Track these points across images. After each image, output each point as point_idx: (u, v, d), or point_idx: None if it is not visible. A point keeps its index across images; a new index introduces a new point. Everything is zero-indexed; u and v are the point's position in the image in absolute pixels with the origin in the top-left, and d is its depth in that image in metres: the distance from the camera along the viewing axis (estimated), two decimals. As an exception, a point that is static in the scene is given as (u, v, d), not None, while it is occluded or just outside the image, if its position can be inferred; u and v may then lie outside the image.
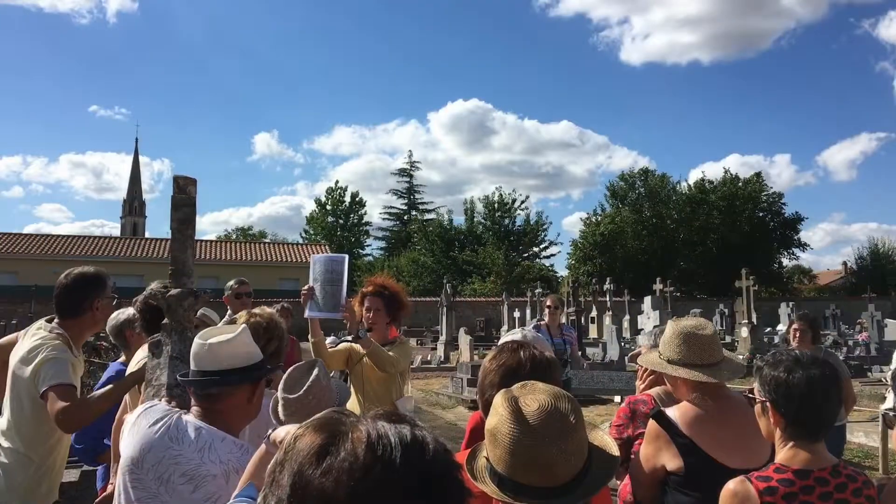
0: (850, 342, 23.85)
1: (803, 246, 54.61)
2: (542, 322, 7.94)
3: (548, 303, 8.06)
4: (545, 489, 1.42)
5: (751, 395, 2.31)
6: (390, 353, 4.36)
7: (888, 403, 2.47)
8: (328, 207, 65.68)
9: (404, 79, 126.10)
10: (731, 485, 2.14)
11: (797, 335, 6.09)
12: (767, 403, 2.20)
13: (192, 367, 2.29)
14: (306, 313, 4.24)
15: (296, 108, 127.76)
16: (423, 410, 12.93)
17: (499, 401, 1.52)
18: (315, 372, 2.43)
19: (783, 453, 2.17)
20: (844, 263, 64.23)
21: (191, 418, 2.27)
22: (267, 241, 63.30)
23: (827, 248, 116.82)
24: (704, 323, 2.89)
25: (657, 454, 2.66)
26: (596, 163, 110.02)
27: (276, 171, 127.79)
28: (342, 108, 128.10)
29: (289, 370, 2.47)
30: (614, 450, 1.61)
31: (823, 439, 2.21)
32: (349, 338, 4.62)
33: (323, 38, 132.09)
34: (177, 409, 2.35)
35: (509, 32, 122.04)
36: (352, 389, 4.53)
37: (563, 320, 10.08)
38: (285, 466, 1.01)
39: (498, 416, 1.49)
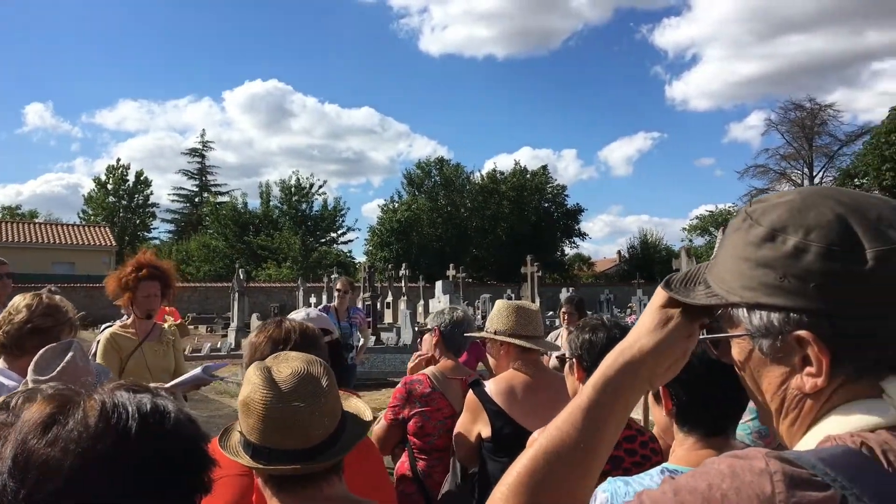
0: (621, 324, 25.98)
1: (583, 235, 58.49)
2: (332, 305, 7.96)
3: (337, 286, 8.09)
4: (298, 451, 1.45)
5: (562, 357, 2.60)
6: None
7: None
8: (109, 187, 61.12)
9: (198, 54, 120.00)
10: (536, 434, 2.33)
11: (566, 317, 6.70)
12: (574, 360, 2.47)
13: None
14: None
15: (74, 78, 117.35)
16: (210, 399, 12.51)
17: (251, 371, 1.54)
18: (71, 353, 2.30)
19: None
20: (619, 252, 69.58)
21: None
22: (39, 221, 57.73)
23: (605, 237, 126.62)
24: (531, 303, 3.30)
25: (474, 422, 2.92)
26: (397, 150, 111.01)
27: (50, 146, 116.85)
28: (128, 80, 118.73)
29: (41, 351, 2.31)
30: (367, 414, 1.68)
31: None
32: (116, 322, 4.36)
33: (104, 2, 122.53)
34: None
35: (310, 13, 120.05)
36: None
37: (359, 304, 10.19)
38: (9, 438, 0.95)
39: (251, 385, 1.51)
